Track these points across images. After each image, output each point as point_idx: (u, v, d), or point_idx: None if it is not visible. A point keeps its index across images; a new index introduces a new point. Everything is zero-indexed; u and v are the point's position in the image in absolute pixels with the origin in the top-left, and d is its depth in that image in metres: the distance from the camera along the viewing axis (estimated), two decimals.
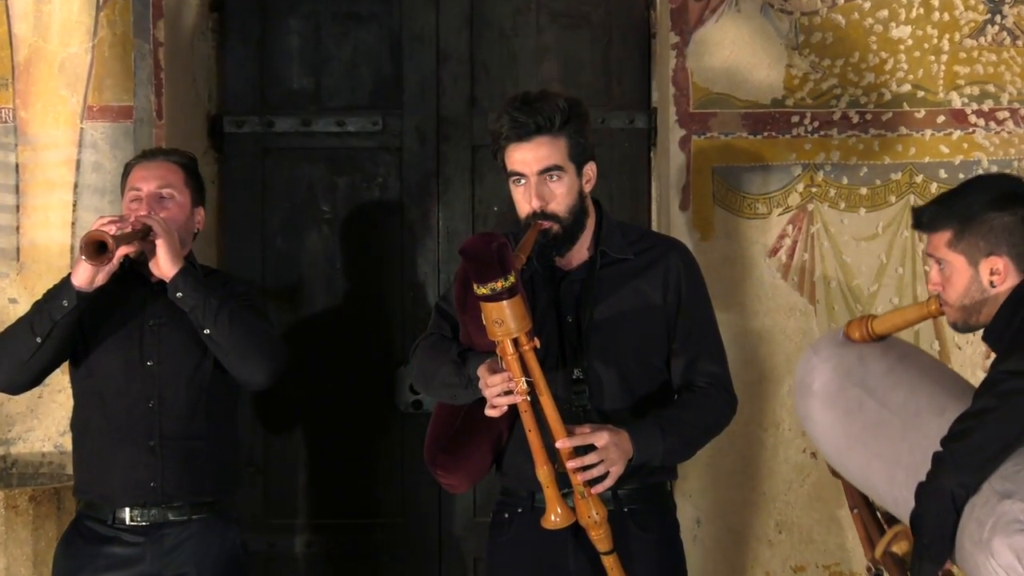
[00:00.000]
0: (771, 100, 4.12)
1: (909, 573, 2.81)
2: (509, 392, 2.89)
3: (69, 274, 3.29)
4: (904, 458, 2.70)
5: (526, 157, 3.06)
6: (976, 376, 3.57)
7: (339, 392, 4.42)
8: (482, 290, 2.83)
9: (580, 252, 3.18)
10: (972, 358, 4.04)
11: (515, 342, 2.86)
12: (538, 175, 3.06)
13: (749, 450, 4.10)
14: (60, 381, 3.87)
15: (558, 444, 2.91)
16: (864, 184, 4.11)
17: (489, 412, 2.96)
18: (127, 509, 3.36)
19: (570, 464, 2.91)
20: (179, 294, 3.29)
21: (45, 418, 4.11)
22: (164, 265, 3.29)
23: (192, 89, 4.36)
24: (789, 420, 4.08)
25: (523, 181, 3.08)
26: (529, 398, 2.88)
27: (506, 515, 3.21)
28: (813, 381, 2.91)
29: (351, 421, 4.42)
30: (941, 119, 4.10)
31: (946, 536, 2.54)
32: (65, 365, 3.45)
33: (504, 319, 2.82)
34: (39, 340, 3.27)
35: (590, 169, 3.16)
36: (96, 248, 3.16)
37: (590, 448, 2.93)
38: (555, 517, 2.95)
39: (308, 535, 4.42)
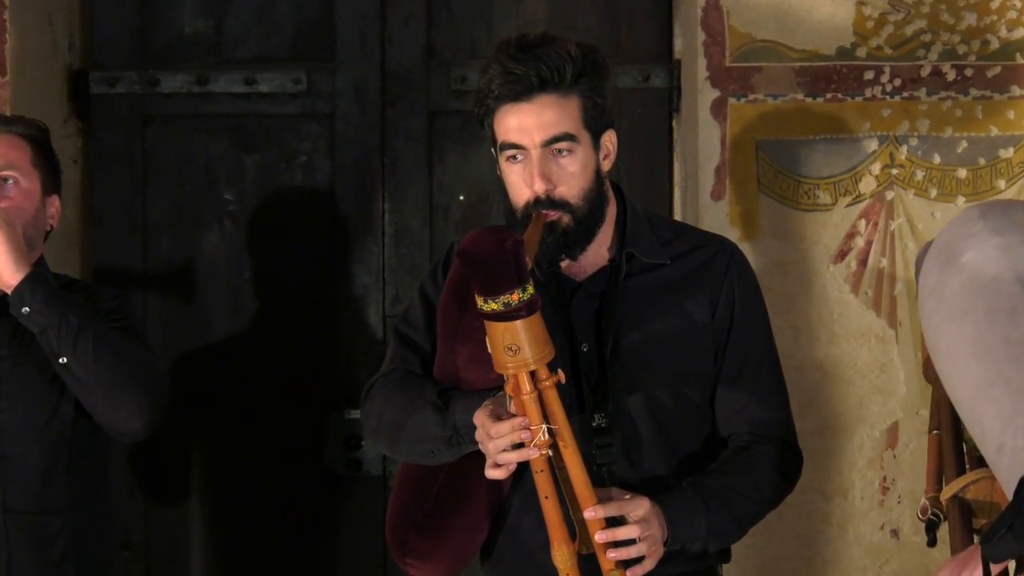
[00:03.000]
0: (836, 50, 4.13)
1: (976, 537, 2.94)
2: (520, 445, 2.83)
3: None
4: None
5: (526, 123, 3.00)
6: None
7: (247, 446, 4.39)
8: (492, 305, 2.78)
9: (597, 255, 3.14)
10: None
11: (532, 376, 2.80)
12: (542, 147, 3.00)
13: (808, 526, 4.11)
14: None
15: (587, 514, 2.84)
16: (963, 164, 4.14)
17: (491, 473, 2.91)
18: None
19: (600, 537, 2.84)
20: (25, 310, 3.26)
21: None
22: (4, 271, 3.27)
23: (48, 34, 4.33)
24: (861, 485, 4.11)
25: (521, 156, 3.03)
26: (550, 452, 2.84)
27: None
28: (966, 251, 2.79)
29: (263, 486, 4.39)
30: None
31: None
32: None
33: (520, 344, 2.78)
34: None
35: (609, 140, 3.12)
36: None
37: (621, 520, 2.88)
38: None
39: None
